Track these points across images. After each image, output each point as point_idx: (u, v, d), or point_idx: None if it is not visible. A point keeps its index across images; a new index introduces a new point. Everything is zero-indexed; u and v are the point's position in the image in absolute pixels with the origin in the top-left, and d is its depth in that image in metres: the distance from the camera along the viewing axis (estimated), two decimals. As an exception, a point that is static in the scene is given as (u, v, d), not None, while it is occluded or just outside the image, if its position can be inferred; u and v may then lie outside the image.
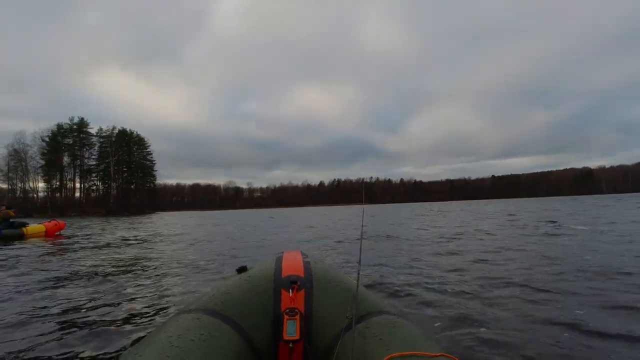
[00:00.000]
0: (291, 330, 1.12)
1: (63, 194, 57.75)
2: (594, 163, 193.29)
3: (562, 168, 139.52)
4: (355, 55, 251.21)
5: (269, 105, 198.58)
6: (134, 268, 4.57)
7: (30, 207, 52.23)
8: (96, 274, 4.16)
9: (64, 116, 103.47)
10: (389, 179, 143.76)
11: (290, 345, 1.11)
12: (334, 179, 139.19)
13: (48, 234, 10.06)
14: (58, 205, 53.96)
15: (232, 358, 0.99)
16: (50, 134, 57.00)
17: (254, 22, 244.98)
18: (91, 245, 7.58)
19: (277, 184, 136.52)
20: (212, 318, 1.09)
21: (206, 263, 4.81)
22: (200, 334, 0.98)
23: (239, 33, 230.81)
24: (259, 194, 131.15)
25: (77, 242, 8.22)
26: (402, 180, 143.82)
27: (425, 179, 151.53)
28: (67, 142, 58.73)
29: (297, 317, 1.15)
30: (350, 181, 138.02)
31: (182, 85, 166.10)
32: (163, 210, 71.66)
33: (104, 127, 62.21)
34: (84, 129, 60.15)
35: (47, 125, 62.54)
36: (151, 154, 67.28)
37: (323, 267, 1.48)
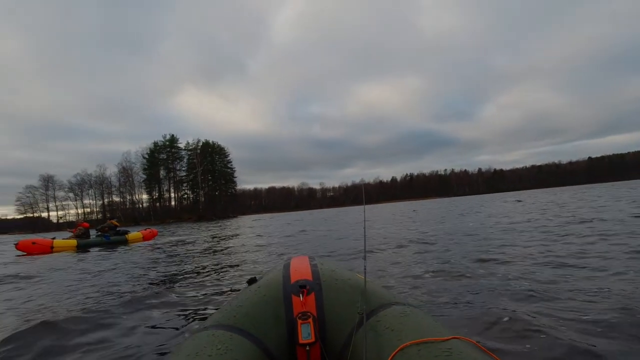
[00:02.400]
0: (306, 333, 1.13)
1: (162, 204, 65.70)
2: None
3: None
4: (414, 45, 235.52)
5: (331, 105, 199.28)
6: (206, 268, 5.00)
7: (137, 216, 60.52)
8: (170, 273, 4.77)
9: (153, 136, 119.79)
10: (465, 170, 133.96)
11: (307, 348, 1.13)
12: (406, 174, 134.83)
13: (144, 239, 11.88)
14: (158, 214, 61.55)
15: None
16: (148, 152, 65.40)
17: (308, 27, 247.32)
18: (174, 248, 8.77)
19: (349, 182, 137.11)
20: (227, 332, 1.11)
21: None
22: (217, 348, 1.00)
23: (295, 40, 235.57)
24: (331, 194, 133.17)
25: (163, 246, 9.49)
26: (479, 169, 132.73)
27: (506, 167, 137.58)
28: (162, 157, 66.66)
29: (310, 320, 1.16)
30: (424, 175, 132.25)
31: (249, 96, 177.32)
32: (244, 213, 76.92)
33: (190, 141, 69.31)
34: (175, 144, 67.64)
35: (145, 144, 72.17)
36: (231, 162, 72.97)
37: (330, 268, 1.49)
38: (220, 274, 4.37)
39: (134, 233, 11.77)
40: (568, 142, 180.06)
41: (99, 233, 11.23)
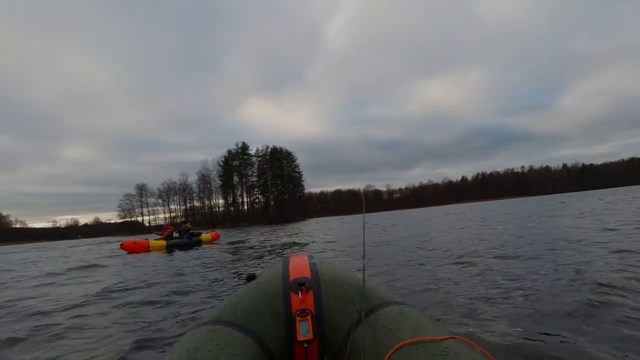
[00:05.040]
0: (304, 330, 1.15)
1: (236, 208, 69.96)
2: None
3: None
4: (475, 36, 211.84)
5: (390, 106, 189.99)
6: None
7: (215, 219, 65.22)
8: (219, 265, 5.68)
9: (224, 145, 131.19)
10: (547, 166, 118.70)
11: (305, 345, 1.15)
12: (478, 173, 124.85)
13: (212, 240, 13.88)
14: (233, 217, 65.57)
15: None
16: (223, 159, 70.25)
17: (362, 31, 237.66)
18: (231, 247, 10.43)
19: (416, 183, 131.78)
20: (226, 328, 1.12)
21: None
22: (216, 344, 1.02)
23: (350, 45, 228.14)
24: (398, 195, 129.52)
25: (224, 246, 11.29)
26: (564, 165, 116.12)
27: (597, 161, 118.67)
28: (235, 164, 71.08)
29: (309, 317, 1.18)
30: (498, 173, 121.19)
31: (309, 102, 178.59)
32: (311, 216, 78.22)
33: (260, 147, 72.83)
34: (246, 152, 71.71)
35: (217, 153, 77.96)
36: (298, 166, 74.96)
37: (329, 266, 1.50)
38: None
39: (205, 235, 13.65)
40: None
41: (177, 235, 12.90)
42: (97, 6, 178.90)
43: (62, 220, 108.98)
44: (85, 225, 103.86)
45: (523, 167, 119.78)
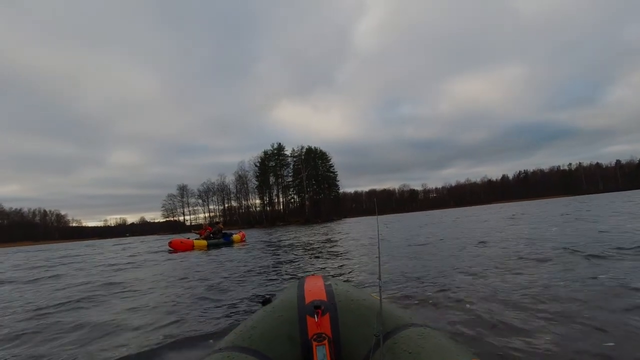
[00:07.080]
0: (321, 355, 1.11)
1: (271, 208, 70.83)
2: None
3: None
4: (511, 30, 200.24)
5: (423, 105, 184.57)
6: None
7: (252, 219, 66.39)
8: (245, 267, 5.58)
9: (257, 147, 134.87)
10: (597, 162, 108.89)
11: None
12: (519, 171, 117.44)
13: (241, 240, 14.34)
14: (270, 217, 66.38)
15: None
16: (259, 160, 71.38)
17: (391, 31, 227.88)
18: (258, 247, 10.83)
19: (453, 183, 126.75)
20: (242, 354, 1.10)
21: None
22: None
23: (379, 46, 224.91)
24: (434, 195, 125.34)
25: (251, 245, 12.00)
26: (617, 162, 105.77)
27: None
28: (271, 164, 71.98)
29: (326, 341, 1.14)
30: (541, 171, 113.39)
31: (340, 104, 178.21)
32: (346, 216, 77.44)
33: (295, 148, 73.19)
34: (282, 152, 72.38)
35: (251, 155, 79.39)
36: (333, 166, 74.50)
37: (345, 288, 1.46)
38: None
39: (236, 235, 14.27)
40: None
41: (211, 236, 13.47)
42: (140, 21, 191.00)
43: (112, 219, 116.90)
44: (133, 224, 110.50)
45: (570, 164, 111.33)
